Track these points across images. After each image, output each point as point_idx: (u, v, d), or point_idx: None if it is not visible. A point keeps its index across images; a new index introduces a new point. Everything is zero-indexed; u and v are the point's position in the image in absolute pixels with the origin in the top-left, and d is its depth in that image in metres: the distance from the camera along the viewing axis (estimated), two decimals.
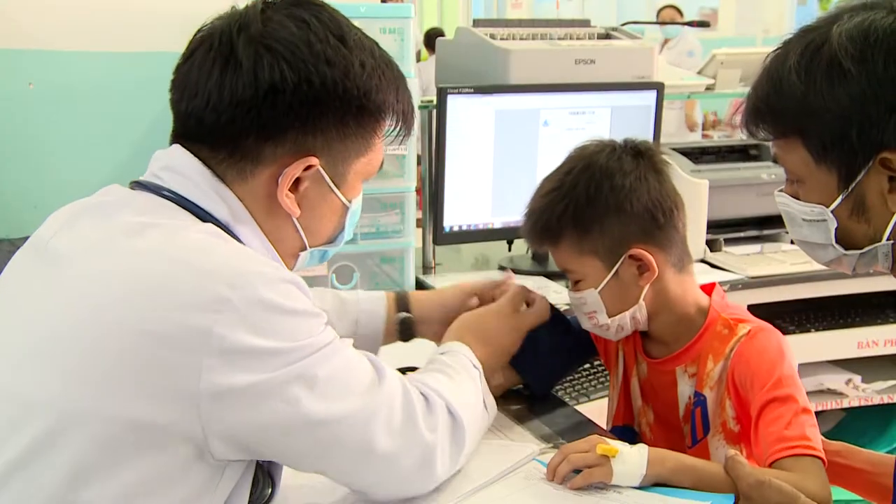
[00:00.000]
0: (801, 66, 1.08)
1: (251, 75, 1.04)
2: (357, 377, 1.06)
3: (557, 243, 1.41)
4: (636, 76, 2.57)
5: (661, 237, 1.39)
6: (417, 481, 1.13)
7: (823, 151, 1.09)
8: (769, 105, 1.13)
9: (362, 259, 2.22)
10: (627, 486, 1.19)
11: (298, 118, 1.06)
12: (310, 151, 1.09)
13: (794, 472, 1.20)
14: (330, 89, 1.07)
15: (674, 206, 1.40)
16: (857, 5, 1.09)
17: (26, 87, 2.69)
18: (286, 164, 1.08)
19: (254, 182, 1.08)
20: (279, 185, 1.08)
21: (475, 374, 1.31)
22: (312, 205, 1.13)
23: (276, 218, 1.11)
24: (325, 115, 1.08)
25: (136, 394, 0.92)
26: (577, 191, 1.38)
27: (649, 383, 1.51)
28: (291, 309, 0.99)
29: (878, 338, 2.61)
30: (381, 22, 2.09)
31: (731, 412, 1.39)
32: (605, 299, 1.40)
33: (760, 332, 1.38)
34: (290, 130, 1.07)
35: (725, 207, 2.60)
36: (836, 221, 1.11)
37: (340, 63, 1.08)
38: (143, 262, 0.96)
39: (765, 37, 9.56)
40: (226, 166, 1.08)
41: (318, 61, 1.06)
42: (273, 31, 1.06)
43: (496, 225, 2.44)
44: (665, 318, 1.44)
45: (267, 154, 1.07)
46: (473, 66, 2.52)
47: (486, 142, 2.36)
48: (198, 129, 1.07)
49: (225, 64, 1.05)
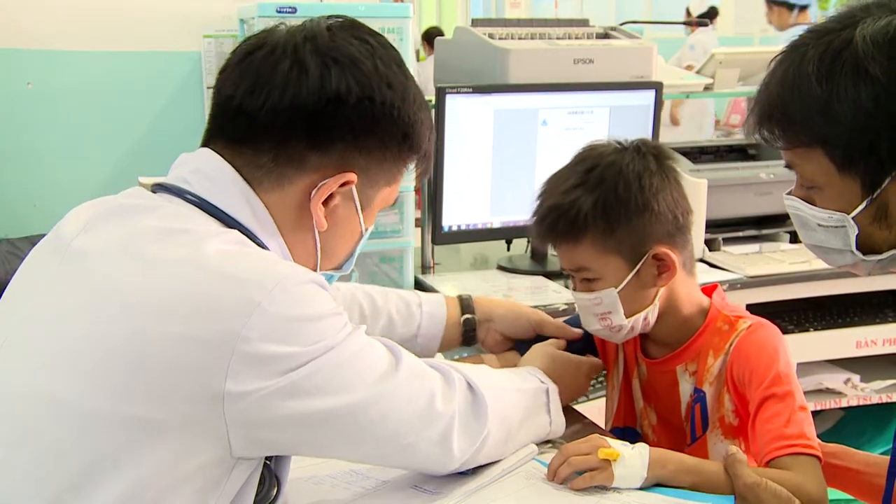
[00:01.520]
0: (821, 72, 1.03)
1: (318, 82, 1.05)
2: (374, 365, 1.06)
3: (580, 240, 1.38)
4: (635, 76, 2.57)
5: (679, 238, 1.40)
6: (435, 457, 1.13)
7: (848, 160, 1.04)
8: (786, 114, 1.08)
9: (361, 259, 2.21)
10: (628, 488, 1.19)
11: (352, 132, 1.08)
12: (351, 168, 1.10)
13: (793, 471, 1.21)
14: (387, 111, 1.09)
15: (688, 209, 1.42)
16: (871, 4, 1.04)
17: (25, 86, 2.69)
18: (326, 176, 1.09)
19: (290, 189, 1.09)
20: (315, 195, 1.09)
21: (525, 375, 1.34)
22: (337, 223, 1.13)
23: (300, 231, 1.11)
24: (375, 134, 1.10)
25: (159, 395, 0.93)
26: (604, 187, 1.36)
27: (650, 384, 1.51)
28: (317, 314, 1.00)
29: (877, 337, 2.61)
30: (381, 21, 2.10)
31: (730, 405, 1.39)
32: (622, 299, 1.39)
33: (760, 328, 1.38)
34: (340, 143, 1.08)
35: (724, 207, 2.60)
36: (857, 228, 1.08)
37: (399, 88, 1.11)
38: (176, 271, 0.96)
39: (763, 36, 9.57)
40: (265, 171, 1.08)
41: (381, 82, 1.09)
42: (341, 47, 1.08)
43: (495, 224, 2.44)
44: (670, 319, 1.44)
45: (311, 162, 1.08)
46: (472, 66, 2.52)
47: (485, 141, 2.37)
48: (247, 129, 1.07)
49: (291, 68, 1.06)
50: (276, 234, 1.10)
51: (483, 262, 2.64)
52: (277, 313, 0.95)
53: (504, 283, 2.37)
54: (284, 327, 0.96)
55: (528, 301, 2.15)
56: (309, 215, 1.10)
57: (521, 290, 2.28)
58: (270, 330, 0.95)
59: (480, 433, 1.17)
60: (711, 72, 3.00)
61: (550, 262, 2.48)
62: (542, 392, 1.34)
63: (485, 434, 1.17)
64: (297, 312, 0.97)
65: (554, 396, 1.35)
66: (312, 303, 1.00)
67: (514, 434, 1.25)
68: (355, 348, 1.04)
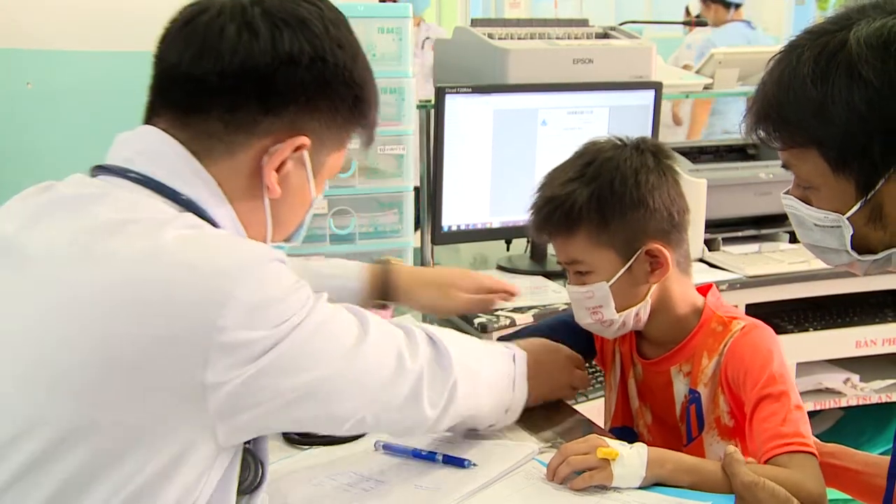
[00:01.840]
0: (816, 74, 1.04)
1: (269, 44, 1.03)
2: (342, 334, 1.06)
3: (574, 232, 1.40)
4: (634, 76, 2.57)
5: (674, 236, 1.41)
6: (409, 412, 1.14)
7: (842, 161, 1.05)
8: (781, 115, 1.09)
9: (361, 259, 2.21)
10: (627, 487, 1.19)
11: (305, 94, 1.06)
12: (303, 132, 1.07)
13: (791, 470, 1.21)
14: (339, 72, 1.07)
15: (685, 208, 1.43)
16: (867, 5, 1.05)
17: (24, 86, 2.69)
18: (279, 140, 1.06)
19: (242, 156, 1.06)
20: (268, 161, 1.06)
21: (497, 347, 1.37)
22: (289, 190, 1.10)
23: (251, 200, 1.08)
24: (327, 96, 1.08)
25: (139, 399, 0.91)
26: (601, 181, 1.38)
27: (646, 384, 1.52)
28: (283, 294, 0.98)
29: (877, 337, 2.61)
30: (379, 21, 2.10)
31: (725, 407, 1.39)
32: (614, 294, 1.40)
33: (754, 329, 1.39)
34: (293, 105, 1.06)
35: (723, 207, 2.60)
36: (853, 228, 1.08)
37: (350, 49, 1.09)
38: (138, 269, 0.93)
39: None
40: (216, 139, 1.04)
41: (332, 43, 1.06)
42: (289, 8, 1.06)
43: (495, 224, 2.44)
44: (663, 317, 1.44)
45: (263, 127, 1.05)
46: (471, 66, 2.52)
47: (485, 141, 2.36)
48: (196, 96, 1.04)
49: (239, 31, 1.03)
50: (228, 206, 1.06)
51: (482, 261, 2.64)
52: (248, 300, 0.94)
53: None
54: (255, 312, 0.94)
55: (527, 300, 2.15)
56: (260, 184, 1.07)
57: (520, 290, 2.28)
58: (243, 316, 0.93)
59: (448, 382, 1.18)
60: (711, 72, 3.00)
61: (550, 261, 2.48)
62: (508, 356, 1.36)
63: (452, 382, 1.19)
64: (265, 295, 0.96)
65: (521, 362, 1.37)
66: (277, 282, 0.98)
67: (480, 387, 1.27)
68: (320, 319, 1.02)
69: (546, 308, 2.12)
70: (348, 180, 2.13)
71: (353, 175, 2.14)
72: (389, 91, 2.16)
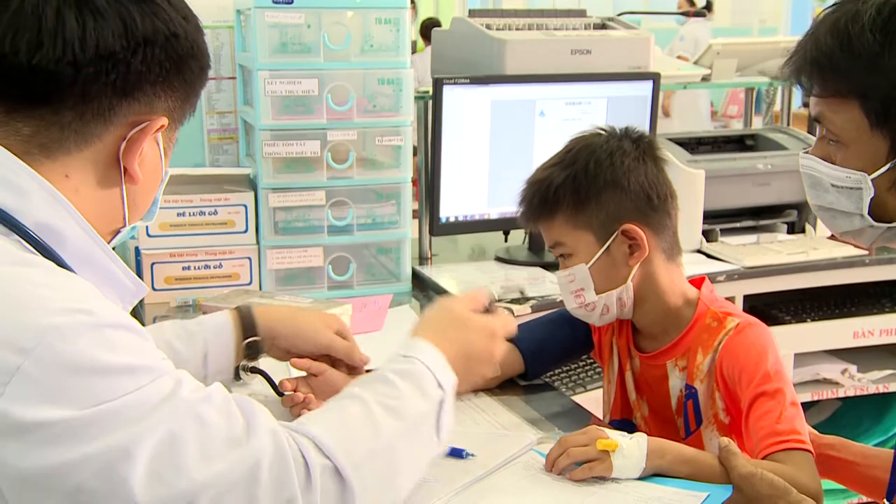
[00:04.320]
0: (876, 25, 1.02)
1: (120, 25, 0.95)
2: (207, 443, 0.88)
3: (553, 215, 1.43)
4: (632, 66, 2.56)
5: (654, 219, 1.42)
6: None
7: (884, 116, 1.04)
8: (832, 61, 1.06)
9: (358, 250, 2.21)
10: (627, 478, 1.20)
11: (161, 73, 1.00)
12: (157, 112, 1.02)
13: (788, 466, 1.22)
14: (190, 46, 1.03)
15: (668, 193, 1.44)
16: None
17: None
18: (135, 125, 1.00)
19: (98, 145, 0.99)
20: (128, 147, 1.00)
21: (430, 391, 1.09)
22: (146, 172, 1.03)
23: (104, 189, 1.01)
24: (181, 72, 1.03)
25: None
26: (577, 165, 1.42)
27: (642, 377, 1.52)
28: (109, 364, 0.85)
29: (874, 327, 2.61)
30: (377, 12, 2.08)
31: (721, 404, 1.40)
32: (594, 275, 1.42)
33: (748, 327, 1.39)
34: (149, 86, 1.00)
35: (721, 198, 2.60)
36: (874, 191, 1.07)
37: (193, 20, 1.04)
38: None
39: (761, 27, 9.56)
40: (69, 131, 0.96)
41: (178, 16, 1.01)
42: None
43: (492, 216, 2.44)
44: (652, 306, 1.45)
45: (120, 113, 0.99)
46: (469, 57, 2.51)
47: (483, 132, 2.36)
48: (45, 89, 0.94)
49: (81, 15, 0.94)
50: (71, 209, 0.97)
51: (481, 253, 2.63)
52: (47, 369, 0.82)
53: (501, 274, 2.37)
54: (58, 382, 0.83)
55: (525, 292, 2.15)
56: (116, 171, 1.01)
57: (518, 282, 2.28)
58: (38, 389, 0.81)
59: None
60: (709, 62, 2.99)
61: (547, 253, 2.47)
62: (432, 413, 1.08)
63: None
64: (80, 363, 0.83)
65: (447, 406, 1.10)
66: (107, 350, 0.86)
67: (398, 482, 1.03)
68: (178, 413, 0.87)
69: (544, 299, 2.12)
70: (346, 171, 2.13)
71: (350, 166, 2.13)
72: (387, 82, 2.14)
